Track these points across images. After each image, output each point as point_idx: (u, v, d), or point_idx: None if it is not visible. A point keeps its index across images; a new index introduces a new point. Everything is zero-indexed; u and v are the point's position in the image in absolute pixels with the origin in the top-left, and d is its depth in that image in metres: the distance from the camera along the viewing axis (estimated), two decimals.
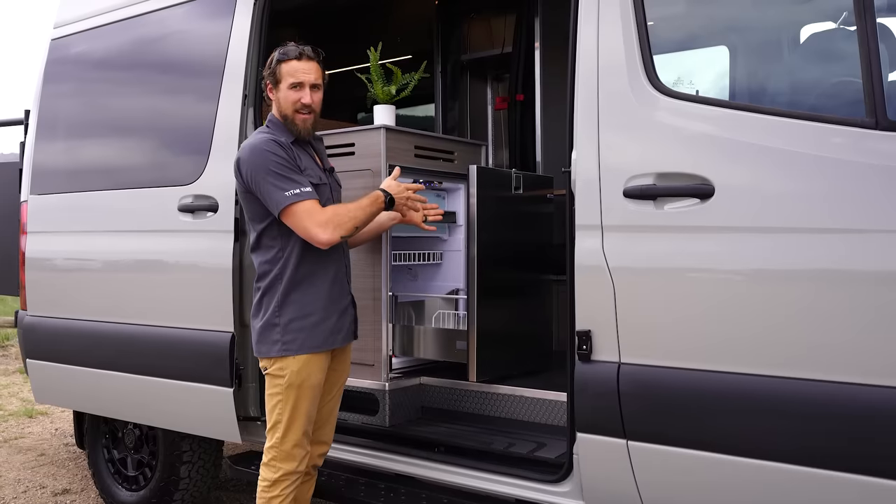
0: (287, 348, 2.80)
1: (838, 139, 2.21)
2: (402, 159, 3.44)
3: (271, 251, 2.84)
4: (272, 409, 2.85)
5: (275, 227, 2.83)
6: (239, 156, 2.84)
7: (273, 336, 2.81)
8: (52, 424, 6.41)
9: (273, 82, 2.91)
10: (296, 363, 2.80)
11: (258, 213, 2.84)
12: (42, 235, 4.31)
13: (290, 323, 2.81)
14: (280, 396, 2.82)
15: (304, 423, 2.84)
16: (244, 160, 2.81)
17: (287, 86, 2.87)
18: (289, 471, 2.84)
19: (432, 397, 3.52)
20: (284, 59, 2.88)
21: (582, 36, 2.62)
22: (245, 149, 2.84)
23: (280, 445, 2.83)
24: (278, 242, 2.83)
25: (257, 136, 2.87)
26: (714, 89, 3.27)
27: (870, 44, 2.16)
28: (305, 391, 2.82)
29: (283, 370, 2.80)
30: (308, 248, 2.82)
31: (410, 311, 3.82)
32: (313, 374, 2.83)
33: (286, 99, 2.88)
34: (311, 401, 2.85)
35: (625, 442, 2.49)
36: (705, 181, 2.37)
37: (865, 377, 2.13)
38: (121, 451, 4.27)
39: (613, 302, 2.51)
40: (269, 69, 2.91)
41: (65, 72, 4.37)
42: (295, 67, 2.87)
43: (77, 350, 4.06)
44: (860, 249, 2.15)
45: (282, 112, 2.91)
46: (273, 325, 2.81)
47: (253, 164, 2.78)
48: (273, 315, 2.81)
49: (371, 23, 5.50)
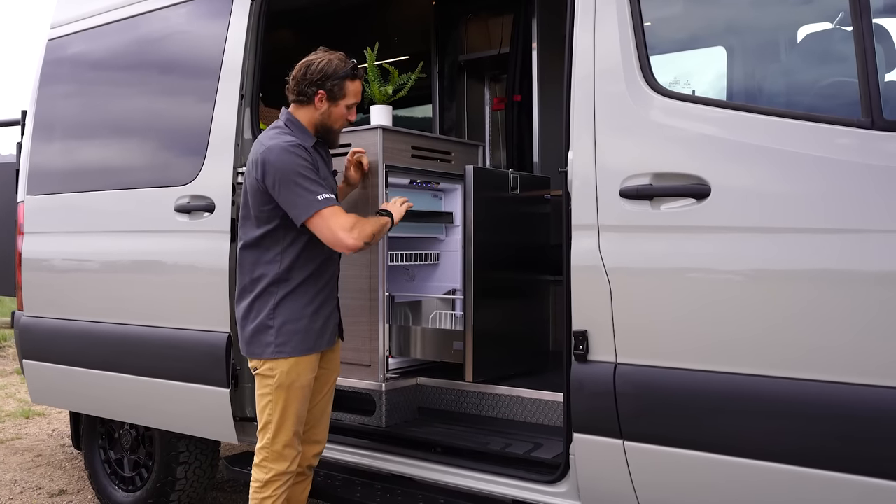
0: (280, 350, 2.79)
1: (835, 139, 2.21)
2: (398, 160, 3.44)
3: (269, 253, 2.83)
4: (262, 410, 2.85)
5: (280, 230, 2.81)
6: (264, 157, 2.75)
7: (266, 338, 2.80)
8: (48, 425, 6.40)
9: (332, 95, 2.86)
10: (286, 364, 2.80)
11: (267, 214, 2.80)
12: (39, 236, 4.31)
13: (283, 325, 2.80)
14: (270, 397, 2.82)
15: (294, 424, 2.84)
16: (271, 161, 2.73)
17: (347, 103, 2.89)
18: (280, 471, 2.84)
19: (429, 398, 3.52)
20: (354, 77, 2.89)
21: (578, 36, 2.62)
22: (272, 150, 2.75)
23: (271, 446, 2.83)
24: (279, 245, 2.82)
25: (282, 138, 2.79)
26: (711, 90, 3.27)
27: (866, 44, 2.16)
28: (295, 392, 2.82)
29: (273, 370, 2.80)
30: (306, 252, 2.82)
31: (407, 312, 3.82)
32: (303, 374, 2.83)
33: (339, 114, 2.90)
34: (300, 401, 2.85)
35: (621, 442, 2.49)
36: (701, 181, 2.37)
37: (861, 377, 2.13)
38: (117, 452, 4.26)
39: (610, 302, 2.51)
40: (333, 81, 2.84)
41: (61, 72, 4.37)
42: (357, 88, 2.91)
43: (73, 351, 4.06)
44: (857, 249, 2.15)
45: (325, 123, 2.90)
46: (267, 328, 2.81)
47: (282, 166, 2.71)
48: (267, 317, 2.81)
49: (368, 23, 5.50)
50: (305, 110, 2.90)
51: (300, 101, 2.90)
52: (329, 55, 2.89)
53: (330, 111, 2.88)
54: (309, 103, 2.88)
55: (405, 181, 3.60)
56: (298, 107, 2.91)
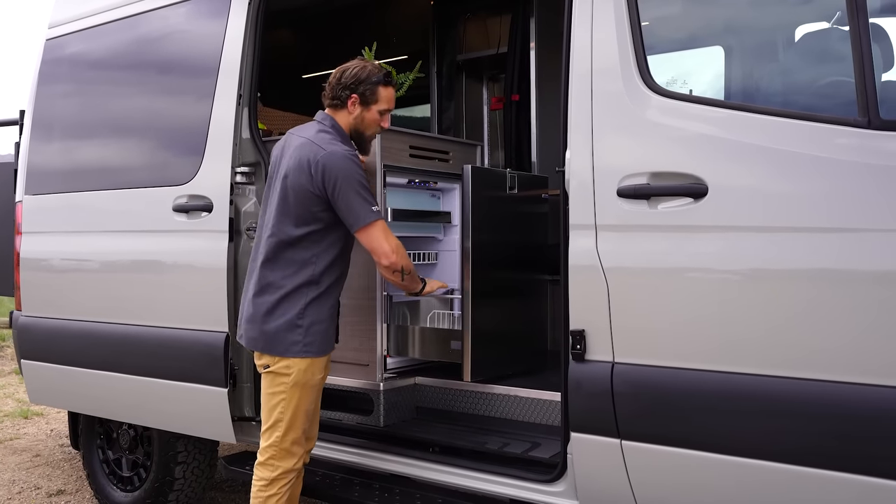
0: (307, 350, 2.84)
1: (832, 139, 2.22)
2: (397, 159, 3.44)
3: (305, 253, 2.85)
4: (273, 408, 2.86)
5: (320, 233, 2.85)
6: (326, 162, 2.76)
7: (294, 337, 2.83)
8: (47, 425, 6.40)
9: (364, 100, 2.92)
10: (304, 363, 2.84)
11: (313, 215, 2.82)
12: (37, 236, 4.30)
13: (312, 326, 2.85)
14: (283, 395, 2.84)
15: (304, 422, 2.89)
16: (337, 167, 2.76)
17: (379, 108, 2.94)
18: (287, 468, 2.88)
19: (427, 397, 3.52)
20: (387, 83, 2.95)
21: (576, 36, 2.62)
22: (335, 155, 2.78)
23: (280, 444, 2.86)
24: (317, 247, 2.86)
25: (339, 145, 2.84)
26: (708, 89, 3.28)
27: (862, 44, 2.16)
28: (309, 390, 2.87)
29: (290, 368, 2.83)
30: (339, 258, 2.90)
31: (405, 311, 3.82)
32: (317, 373, 2.89)
33: (373, 119, 2.96)
34: (312, 400, 2.92)
35: (619, 441, 2.49)
36: (699, 181, 2.38)
37: (859, 377, 2.13)
38: (115, 452, 4.26)
39: (607, 302, 2.51)
40: (366, 85, 2.90)
41: (59, 72, 4.36)
42: (391, 94, 2.97)
43: (72, 350, 4.06)
44: (855, 248, 2.16)
45: (359, 129, 2.97)
46: (295, 327, 2.83)
47: (347, 173, 2.76)
48: (297, 317, 2.83)
49: (366, 23, 5.50)
50: (340, 115, 2.96)
51: (334, 105, 2.96)
52: (364, 62, 2.97)
53: (363, 116, 2.95)
54: (342, 107, 2.94)
55: (403, 181, 3.61)
56: (334, 111, 2.97)
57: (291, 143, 2.92)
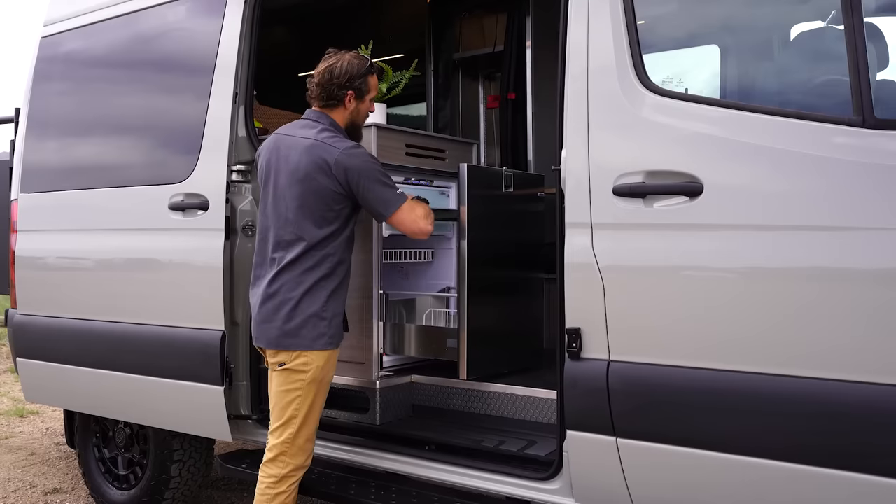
0: (332, 342, 2.89)
1: (826, 137, 2.22)
2: (393, 157, 3.44)
3: (326, 248, 2.88)
4: (287, 405, 2.86)
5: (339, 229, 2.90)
6: (345, 161, 2.81)
7: (320, 329, 2.85)
8: (43, 424, 6.39)
9: (359, 94, 2.98)
10: (321, 358, 2.86)
11: (335, 213, 2.87)
12: (32, 234, 4.30)
13: (334, 318, 2.89)
14: (300, 392, 2.85)
15: (317, 418, 2.93)
16: (353, 162, 2.82)
17: (371, 97, 3.02)
18: (298, 465, 2.90)
19: (423, 395, 3.52)
20: (372, 71, 3.02)
21: (572, 35, 2.63)
22: (352, 155, 2.84)
23: (293, 441, 2.87)
24: (335, 241, 2.90)
25: (346, 141, 2.89)
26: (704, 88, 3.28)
27: (857, 43, 2.17)
28: (324, 386, 2.92)
29: (308, 365, 2.84)
30: (349, 248, 2.96)
31: (401, 310, 3.82)
32: (332, 368, 2.94)
33: (365, 109, 3.06)
34: (325, 395, 2.95)
35: (614, 439, 2.50)
36: (694, 179, 2.38)
37: (853, 374, 2.14)
38: (111, 450, 4.26)
39: (603, 300, 2.52)
40: (358, 80, 2.94)
41: (55, 70, 4.36)
42: (376, 81, 3.08)
43: (67, 349, 4.05)
44: (849, 247, 2.17)
45: (354, 121, 3.03)
46: (321, 319, 2.85)
47: (366, 168, 2.84)
48: (321, 309, 2.86)
49: (363, 21, 5.50)
50: (336, 112, 2.99)
51: (330, 105, 2.98)
52: (344, 55, 2.98)
53: (358, 108, 3.02)
54: (339, 105, 2.98)
55: (399, 179, 3.60)
56: (329, 109, 2.99)
57: (290, 144, 2.92)
